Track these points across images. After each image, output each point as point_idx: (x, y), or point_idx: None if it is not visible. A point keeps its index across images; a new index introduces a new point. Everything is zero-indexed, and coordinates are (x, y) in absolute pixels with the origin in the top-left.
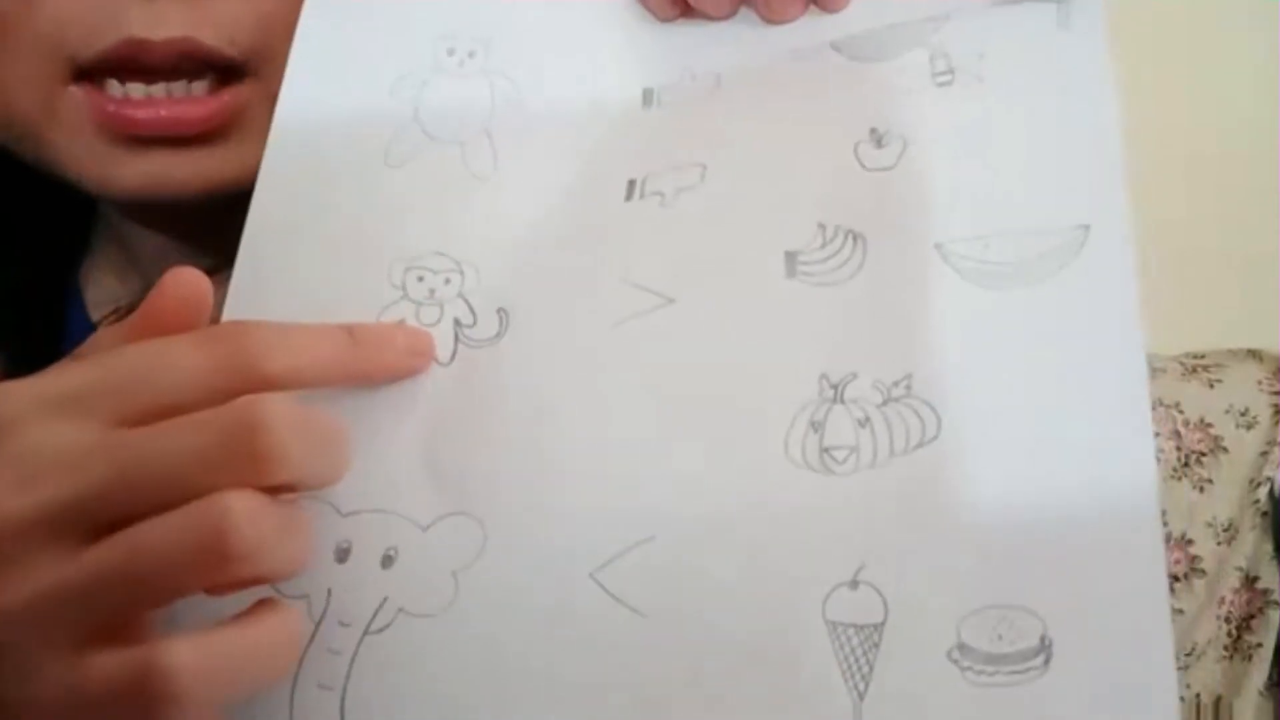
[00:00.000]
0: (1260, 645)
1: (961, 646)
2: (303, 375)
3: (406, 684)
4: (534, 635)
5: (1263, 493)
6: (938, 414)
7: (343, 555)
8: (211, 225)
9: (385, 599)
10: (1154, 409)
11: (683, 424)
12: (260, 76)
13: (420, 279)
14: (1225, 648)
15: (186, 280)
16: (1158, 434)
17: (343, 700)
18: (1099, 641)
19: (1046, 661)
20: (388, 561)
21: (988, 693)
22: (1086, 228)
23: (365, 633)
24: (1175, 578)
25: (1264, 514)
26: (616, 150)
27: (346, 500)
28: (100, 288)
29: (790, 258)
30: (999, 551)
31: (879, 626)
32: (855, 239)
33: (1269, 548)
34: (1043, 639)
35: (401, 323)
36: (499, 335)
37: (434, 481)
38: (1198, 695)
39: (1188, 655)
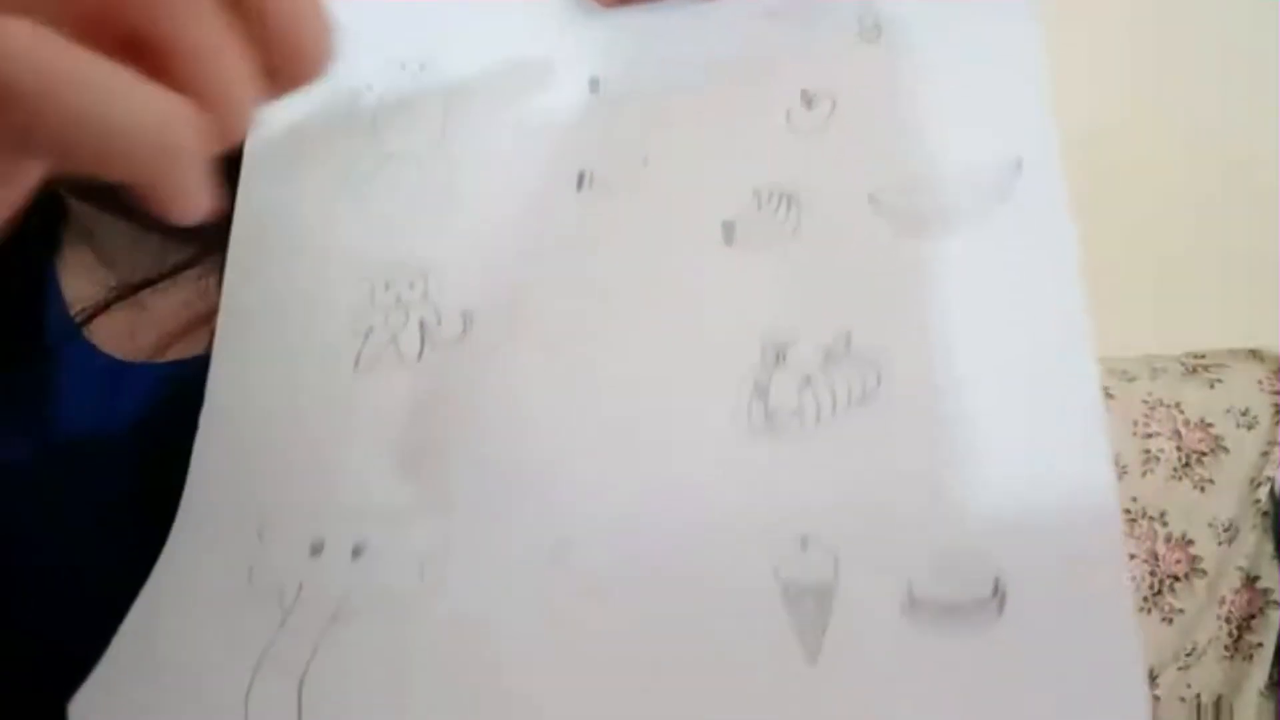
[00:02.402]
0: (1261, 645)
1: (913, 599)
2: None
3: (366, 670)
4: (499, 619)
5: (1263, 492)
6: (877, 369)
7: (316, 550)
8: None
9: (352, 589)
10: (1154, 409)
11: (637, 405)
12: None
13: (387, 287)
14: (1226, 647)
15: None
16: (1159, 434)
17: (300, 685)
18: (1055, 583)
19: (1000, 608)
20: (357, 554)
21: (941, 643)
22: (1019, 162)
23: (331, 622)
24: (1176, 577)
25: (1265, 514)
26: (567, 143)
27: (321, 497)
28: (74, 284)
29: (728, 227)
30: (947, 499)
31: (830, 585)
32: (790, 201)
33: (1270, 547)
34: (996, 584)
35: None
36: (463, 335)
37: (404, 477)
38: (1198, 695)
39: (1188, 655)
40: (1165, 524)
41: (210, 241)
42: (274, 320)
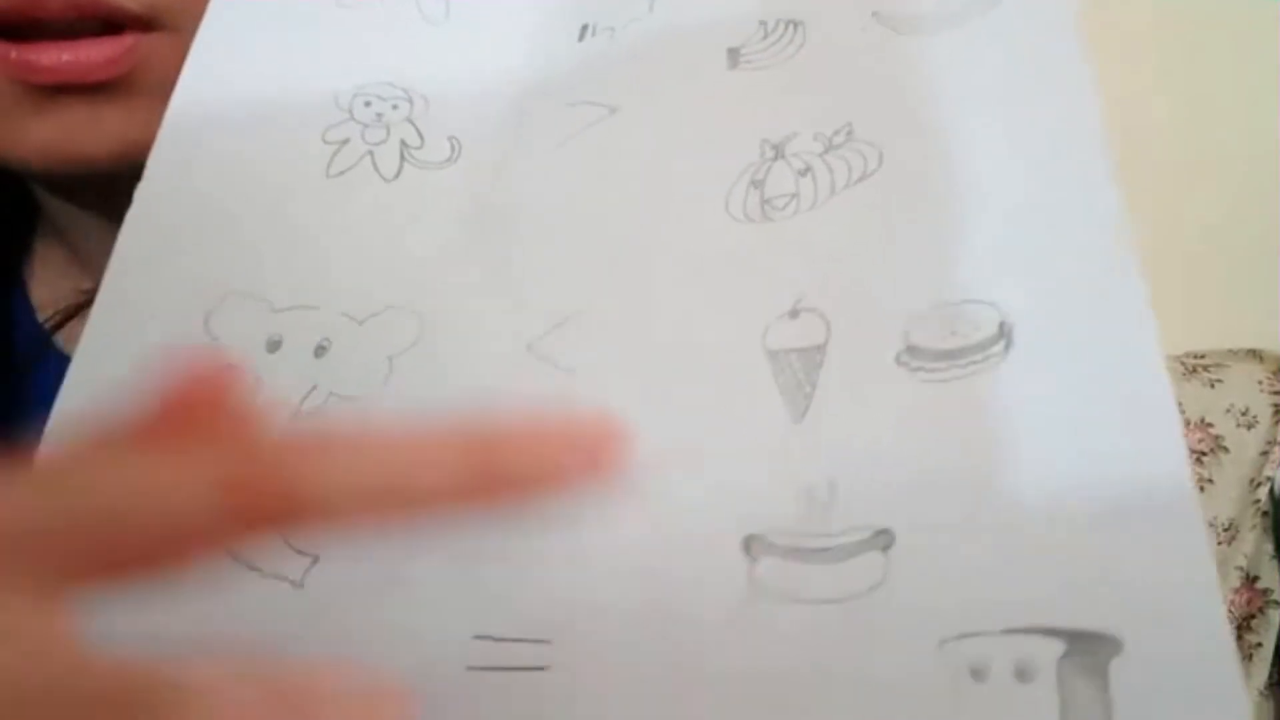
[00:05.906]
0: (1260, 645)
1: (911, 349)
2: (360, 500)
3: None
4: (468, 402)
5: (1263, 492)
6: (879, 150)
7: (274, 347)
8: None
9: (315, 385)
10: None
11: (625, 209)
12: (171, 29)
13: (368, 104)
14: None
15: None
16: None
17: None
18: (1068, 319)
19: (1007, 347)
20: (320, 351)
21: (942, 387)
22: None
23: (294, 417)
24: None
25: (1264, 514)
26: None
27: (280, 297)
28: (46, 287)
29: (732, 53)
30: (950, 254)
31: (821, 347)
32: (795, 26)
33: (1269, 547)
34: (1002, 326)
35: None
36: (451, 160)
37: (370, 279)
38: None
39: None
40: None
41: None
42: (232, 123)
